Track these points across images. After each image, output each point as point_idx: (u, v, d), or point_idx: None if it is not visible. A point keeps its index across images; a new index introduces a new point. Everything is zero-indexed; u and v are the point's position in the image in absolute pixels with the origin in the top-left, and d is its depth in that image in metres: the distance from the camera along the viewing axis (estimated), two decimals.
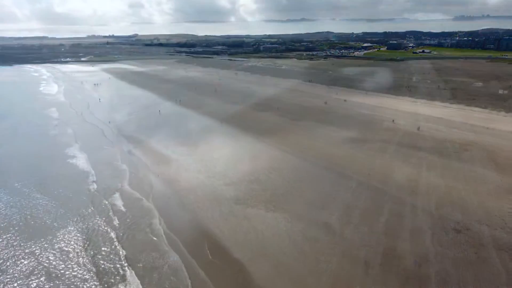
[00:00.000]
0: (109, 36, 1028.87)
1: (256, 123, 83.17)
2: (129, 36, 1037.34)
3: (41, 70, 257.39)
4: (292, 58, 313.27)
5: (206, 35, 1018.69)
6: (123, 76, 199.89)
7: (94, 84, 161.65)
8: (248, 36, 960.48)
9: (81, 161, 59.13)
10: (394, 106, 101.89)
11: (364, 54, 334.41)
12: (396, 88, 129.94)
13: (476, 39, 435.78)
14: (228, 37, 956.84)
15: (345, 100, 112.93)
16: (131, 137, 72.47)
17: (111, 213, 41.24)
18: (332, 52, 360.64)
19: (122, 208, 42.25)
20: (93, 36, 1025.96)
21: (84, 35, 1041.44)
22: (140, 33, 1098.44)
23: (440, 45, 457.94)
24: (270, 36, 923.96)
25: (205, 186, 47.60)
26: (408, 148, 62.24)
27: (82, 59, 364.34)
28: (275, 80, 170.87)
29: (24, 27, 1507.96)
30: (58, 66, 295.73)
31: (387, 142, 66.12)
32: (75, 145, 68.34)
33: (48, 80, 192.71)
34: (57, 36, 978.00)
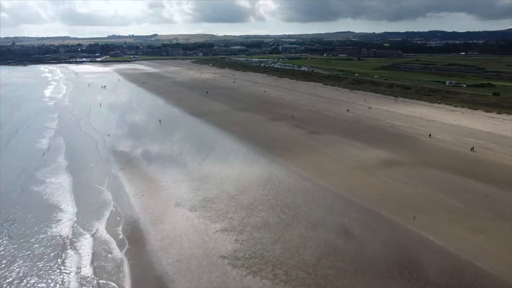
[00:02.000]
0: (129, 36, 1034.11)
1: (268, 136, 71.22)
2: (149, 36, 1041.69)
3: (54, 71, 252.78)
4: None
5: (225, 35, 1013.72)
6: (133, 77, 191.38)
7: (102, 87, 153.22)
8: (267, 36, 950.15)
9: (64, 186, 48.93)
10: (430, 116, 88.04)
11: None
12: (430, 94, 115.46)
13: (503, 42, 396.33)
14: (247, 37, 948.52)
15: (370, 108, 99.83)
16: (123, 154, 61.75)
17: (74, 276, 30.25)
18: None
19: (88, 269, 31.14)
20: (114, 36, 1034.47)
21: (105, 35, 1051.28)
22: (159, 33, 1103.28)
23: (468, 46, 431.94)
24: (289, 36, 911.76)
25: (194, 232, 35.93)
26: (464, 176, 48.95)
27: (98, 59, 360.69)
28: (292, 83, 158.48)
29: (48, 27, 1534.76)
30: (71, 66, 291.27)
31: (431, 166, 52.96)
32: (62, 163, 58.24)
33: (58, 81, 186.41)
34: (79, 37, 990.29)
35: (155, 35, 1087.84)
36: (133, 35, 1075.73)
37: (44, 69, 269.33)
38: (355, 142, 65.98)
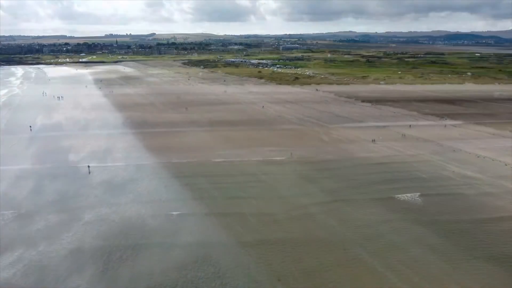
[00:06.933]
0: (127, 35, 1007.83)
1: (261, 210, 39.97)
2: (147, 35, 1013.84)
3: (27, 74, 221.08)
4: None
5: (225, 34, 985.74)
6: (105, 83, 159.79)
7: (57, 97, 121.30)
8: (268, 36, 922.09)
9: None
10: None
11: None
12: (493, 113, 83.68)
13: None
14: (248, 36, 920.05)
15: (403, 135, 68.88)
16: None
17: None
18: None
19: None
20: (111, 35, 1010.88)
21: (102, 34, 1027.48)
22: (158, 32, 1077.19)
23: (475, 43, 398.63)
24: (290, 36, 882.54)
25: None
26: None
27: (81, 60, 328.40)
28: (295, 94, 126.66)
29: (48, 26, 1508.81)
30: (47, 68, 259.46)
31: None
32: None
33: (21, 88, 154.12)
34: (76, 35, 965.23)
35: (153, 34, 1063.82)
36: (130, 34, 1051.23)
37: (17, 72, 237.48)
38: (429, 235, 34.50)
